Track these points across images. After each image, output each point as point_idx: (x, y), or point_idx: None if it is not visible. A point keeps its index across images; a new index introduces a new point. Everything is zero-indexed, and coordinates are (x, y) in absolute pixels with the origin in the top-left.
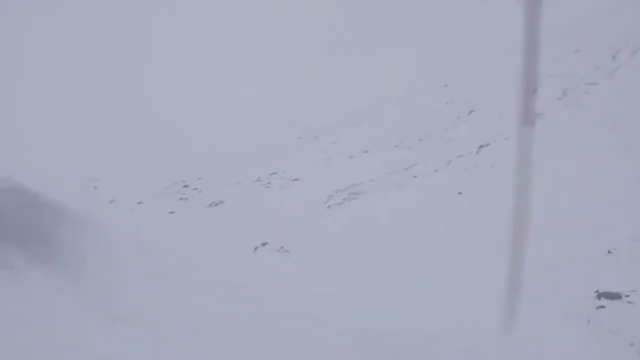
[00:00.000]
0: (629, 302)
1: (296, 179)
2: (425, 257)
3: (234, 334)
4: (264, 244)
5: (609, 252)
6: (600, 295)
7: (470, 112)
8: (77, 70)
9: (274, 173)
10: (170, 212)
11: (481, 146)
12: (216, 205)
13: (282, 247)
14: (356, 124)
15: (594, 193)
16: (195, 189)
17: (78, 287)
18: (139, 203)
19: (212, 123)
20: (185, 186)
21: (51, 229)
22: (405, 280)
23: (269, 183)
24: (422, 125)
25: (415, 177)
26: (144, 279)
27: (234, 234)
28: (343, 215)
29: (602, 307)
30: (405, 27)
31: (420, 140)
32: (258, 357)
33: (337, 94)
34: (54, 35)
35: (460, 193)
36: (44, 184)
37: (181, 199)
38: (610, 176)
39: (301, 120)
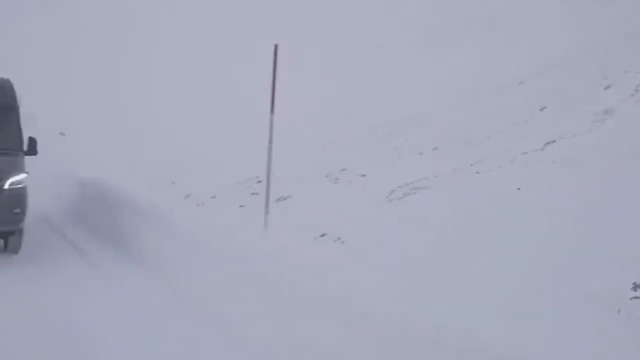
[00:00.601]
0: None
1: (364, 175)
2: (476, 253)
3: (281, 319)
4: (322, 235)
5: None
6: (636, 287)
7: (542, 109)
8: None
9: (344, 169)
10: (240, 206)
11: (547, 143)
12: (284, 199)
13: (339, 238)
14: (429, 121)
15: None
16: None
17: (155, 276)
18: (212, 197)
19: (285, 122)
20: (259, 182)
21: (132, 227)
22: (452, 274)
23: (337, 178)
24: (493, 122)
25: (477, 173)
26: (207, 270)
27: (296, 226)
28: (401, 209)
29: (637, 297)
30: (490, 25)
31: (488, 137)
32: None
33: (414, 91)
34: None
35: (518, 189)
36: (128, 185)
37: (252, 193)
38: None
39: (375, 117)
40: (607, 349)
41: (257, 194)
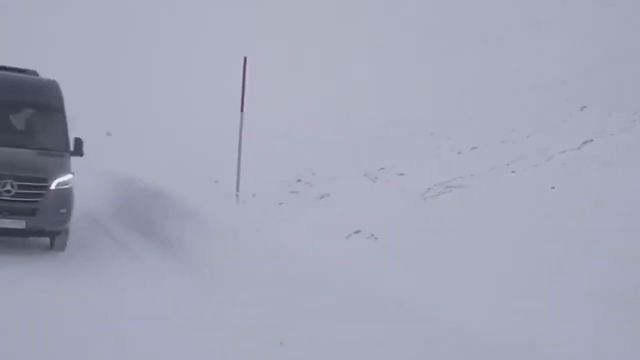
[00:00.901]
0: None
1: (402, 174)
2: (505, 251)
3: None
4: (357, 232)
5: None
6: None
7: (582, 109)
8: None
9: (383, 168)
10: (280, 204)
11: (585, 142)
12: (322, 197)
13: (372, 235)
14: (470, 120)
15: None
16: (307, 183)
17: (189, 269)
18: (254, 196)
19: (327, 124)
20: (299, 181)
21: (171, 223)
22: (478, 273)
23: (376, 177)
24: (533, 122)
25: (513, 172)
26: (237, 259)
27: (332, 223)
28: (435, 207)
29: None
30: (535, 24)
31: (527, 137)
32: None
33: (456, 90)
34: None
35: (553, 187)
36: (171, 184)
37: (292, 192)
38: None
39: (418, 117)
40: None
41: (297, 192)
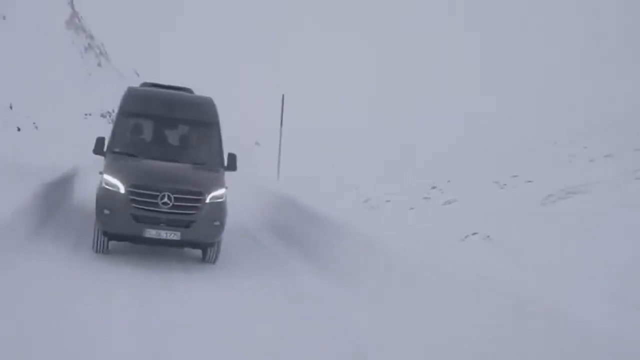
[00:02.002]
0: None
1: (530, 181)
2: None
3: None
4: (474, 234)
5: None
6: None
7: None
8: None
9: (515, 176)
10: (410, 208)
11: None
12: (450, 203)
13: (488, 236)
14: (608, 129)
15: None
16: (440, 190)
17: (335, 276)
18: (387, 201)
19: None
20: (433, 187)
21: (320, 237)
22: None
23: (505, 184)
24: None
25: (638, 179)
26: (373, 266)
27: (453, 225)
28: (552, 212)
29: None
30: None
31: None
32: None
33: (595, 100)
34: None
35: None
36: (320, 200)
37: (424, 198)
38: None
39: (555, 124)
40: None
41: (429, 198)
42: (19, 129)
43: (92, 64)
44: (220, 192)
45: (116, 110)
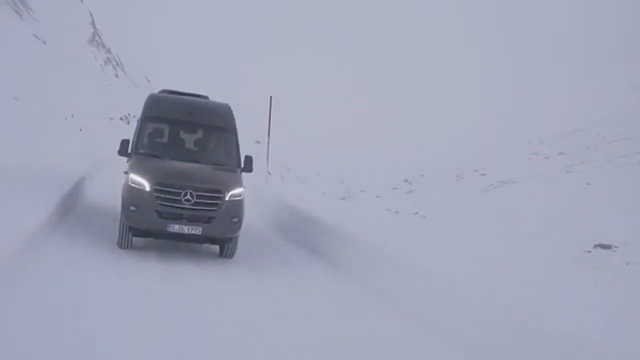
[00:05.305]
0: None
1: (484, 174)
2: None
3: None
4: (415, 213)
5: None
6: (596, 246)
7: None
8: None
9: (475, 170)
10: (377, 197)
11: None
12: (411, 192)
13: (424, 216)
14: (580, 130)
15: None
16: (410, 182)
17: (342, 273)
18: (362, 191)
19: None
20: (406, 180)
21: (315, 235)
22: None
23: (462, 177)
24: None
25: (568, 172)
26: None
27: (403, 209)
28: (483, 198)
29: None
30: None
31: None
32: None
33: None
34: None
35: (588, 184)
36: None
37: (393, 188)
38: None
39: (545, 128)
40: None
41: (397, 188)
42: (80, 130)
43: (110, 75)
44: (238, 190)
45: (139, 115)
